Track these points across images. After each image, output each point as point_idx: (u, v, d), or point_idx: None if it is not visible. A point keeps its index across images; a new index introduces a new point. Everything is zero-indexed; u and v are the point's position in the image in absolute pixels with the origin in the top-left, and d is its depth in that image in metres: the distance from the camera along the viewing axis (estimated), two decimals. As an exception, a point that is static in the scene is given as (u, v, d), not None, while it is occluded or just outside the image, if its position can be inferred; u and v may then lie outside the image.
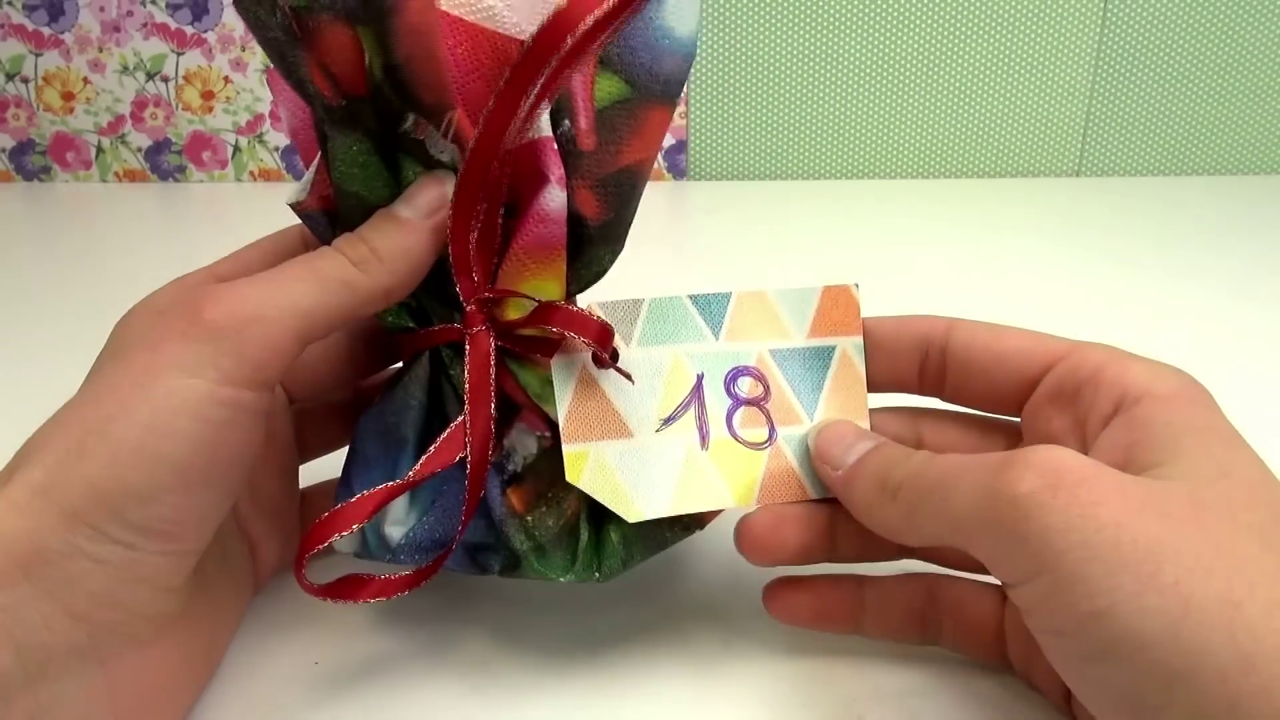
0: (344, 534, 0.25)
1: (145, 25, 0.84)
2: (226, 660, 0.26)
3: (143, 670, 0.22)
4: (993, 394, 0.26)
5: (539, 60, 0.22)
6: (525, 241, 0.25)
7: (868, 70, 0.84)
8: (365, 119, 0.24)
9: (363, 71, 0.24)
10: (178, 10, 0.83)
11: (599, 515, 0.26)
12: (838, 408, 0.27)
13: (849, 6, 0.82)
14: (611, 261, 0.27)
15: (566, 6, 0.21)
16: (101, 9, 0.84)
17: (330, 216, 0.26)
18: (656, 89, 0.25)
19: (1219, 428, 0.22)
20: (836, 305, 0.27)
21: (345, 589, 0.25)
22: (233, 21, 0.83)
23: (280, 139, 0.86)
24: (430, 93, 0.23)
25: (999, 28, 0.82)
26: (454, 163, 0.24)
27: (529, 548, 0.25)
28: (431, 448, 0.25)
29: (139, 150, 0.88)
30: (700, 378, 0.26)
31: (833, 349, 0.27)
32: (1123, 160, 0.87)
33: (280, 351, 0.22)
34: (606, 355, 0.25)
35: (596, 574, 0.25)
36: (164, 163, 0.88)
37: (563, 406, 0.25)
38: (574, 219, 0.25)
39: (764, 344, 0.27)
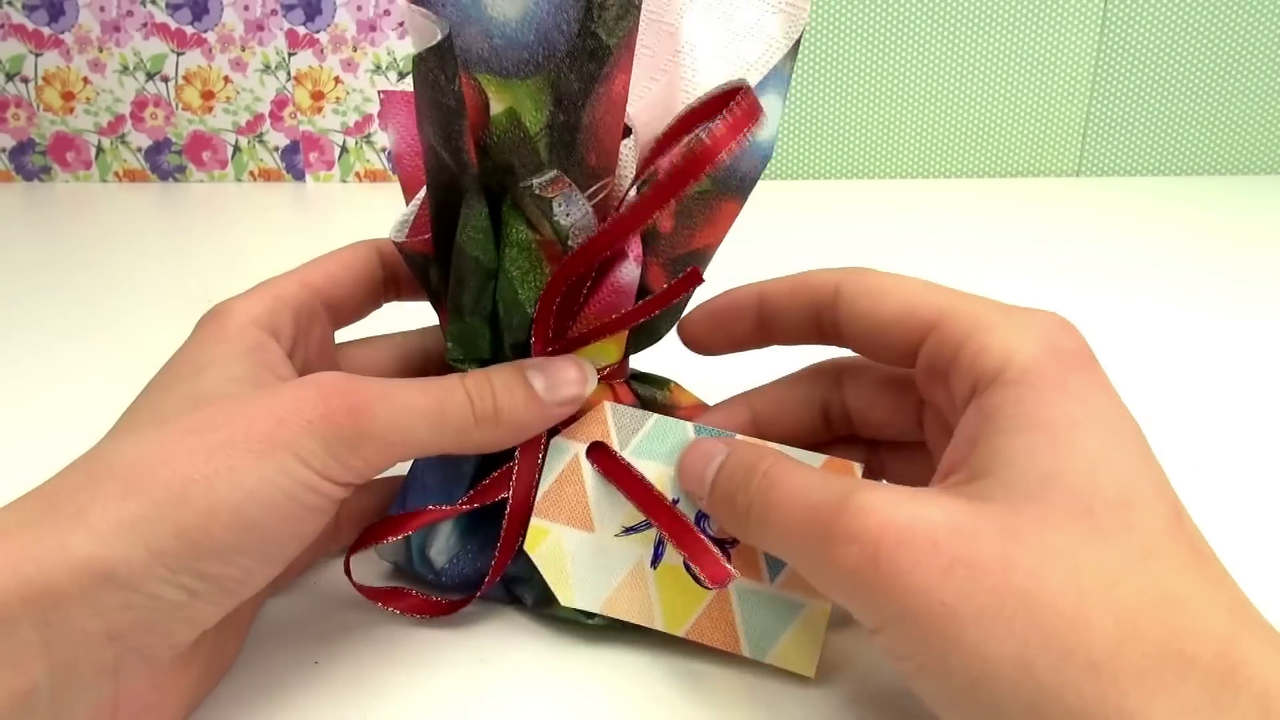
0: (391, 543, 0.27)
1: (145, 25, 0.84)
2: (227, 660, 0.26)
3: (150, 688, 0.22)
4: (887, 357, 0.26)
5: (682, 182, 0.24)
6: (596, 309, 0.27)
7: (868, 71, 0.84)
8: (485, 179, 0.25)
9: (482, 129, 0.25)
10: (178, 10, 0.83)
11: None
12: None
13: (848, 8, 0.82)
14: (668, 330, 0.29)
15: (710, 144, 0.23)
16: (101, 9, 0.84)
17: (426, 259, 0.27)
18: (734, 185, 0.28)
19: (1058, 417, 0.20)
20: None
21: (388, 597, 0.27)
22: (233, 21, 0.83)
23: (280, 139, 0.86)
24: (601, 157, 0.25)
25: (999, 28, 0.82)
26: (571, 226, 0.25)
27: None
28: (481, 485, 0.27)
29: (139, 150, 0.88)
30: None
31: None
32: (1123, 160, 0.87)
33: (378, 469, 0.24)
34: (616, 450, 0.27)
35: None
36: (164, 163, 0.88)
37: (545, 483, 0.26)
38: (642, 291, 0.27)
39: None
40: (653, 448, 0.27)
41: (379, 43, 0.83)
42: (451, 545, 0.27)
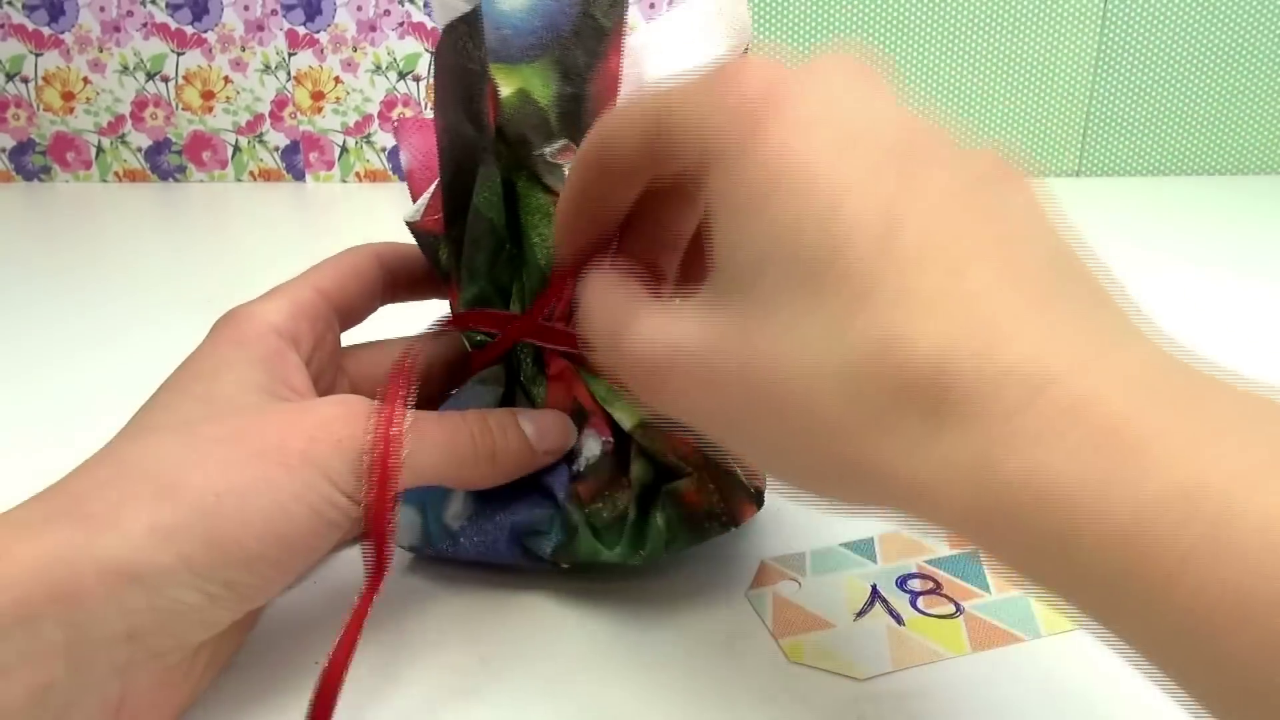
0: (406, 525, 0.29)
1: (145, 25, 0.84)
2: (226, 660, 0.26)
3: (155, 686, 0.22)
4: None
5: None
6: None
7: (868, 70, 0.84)
8: (497, 151, 0.28)
9: (495, 109, 0.27)
10: (178, 10, 0.83)
11: (646, 503, 0.29)
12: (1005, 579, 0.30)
13: (848, 8, 0.82)
14: None
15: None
16: (101, 9, 0.84)
17: (437, 238, 0.29)
18: None
19: (748, 195, 0.19)
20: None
21: None
22: (233, 21, 0.83)
23: (280, 139, 0.86)
24: None
25: (999, 28, 0.82)
26: None
27: (584, 525, 0.28)
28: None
29: (139, 150, 0.88)
30: (874, 587, 0.30)
31: (977, 552, 0.31)
32: (1123, 160, 0.87)
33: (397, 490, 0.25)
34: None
35: (641, 553, 0.28)
36: (164, 163, 0.88)
37: (767, 618, 0.28)
38: None
39: (917, 559, 0.31)
40: (823, 565, 0.31)
41: (379, 43, 0.83)
42: (468, 508, 0.29)
